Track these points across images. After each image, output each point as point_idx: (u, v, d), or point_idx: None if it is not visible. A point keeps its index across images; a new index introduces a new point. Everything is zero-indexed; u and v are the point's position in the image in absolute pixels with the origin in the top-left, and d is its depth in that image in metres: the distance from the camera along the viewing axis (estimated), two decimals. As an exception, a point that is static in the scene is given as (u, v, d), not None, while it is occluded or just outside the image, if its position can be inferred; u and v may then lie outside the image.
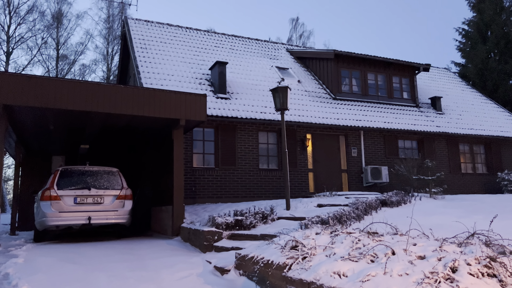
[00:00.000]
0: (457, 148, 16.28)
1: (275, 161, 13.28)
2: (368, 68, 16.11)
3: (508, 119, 18.37)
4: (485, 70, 21.82)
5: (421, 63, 16.70)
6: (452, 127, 16.10)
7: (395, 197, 9.33)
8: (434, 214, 7.66)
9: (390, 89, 16.46)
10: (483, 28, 22.64)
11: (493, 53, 22.16)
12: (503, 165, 16.74)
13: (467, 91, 20.36)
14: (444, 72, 22.16)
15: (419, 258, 3.87)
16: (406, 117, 15.64)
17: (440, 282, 3.40)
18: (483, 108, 18.79)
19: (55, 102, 7.83)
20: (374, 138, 14.68)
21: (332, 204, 9.17)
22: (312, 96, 14.98)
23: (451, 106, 17.85)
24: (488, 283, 3.49)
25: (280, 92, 9.30)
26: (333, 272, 3.88)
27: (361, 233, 4.77)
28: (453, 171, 15.90)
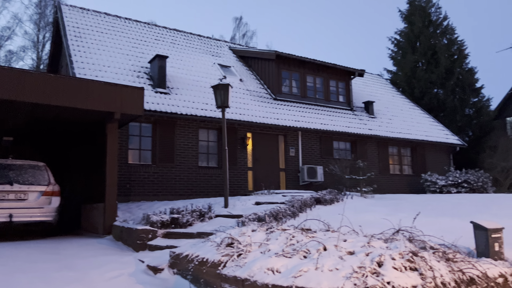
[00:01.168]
0: (387, 150, 17.29)
1: (215, 159, 13.20)
2: (308, 71, 16.57)
3: (432, 124, 19.84)
4: (413, 78, 23.38)
5: (356, 69, 17.50)
6: (382, 131, 17.06)
7: (328, 195, 9.68)
8: (364, 212, 8.06)
9: (327, 92, 17.06)
10: (413, 38, 24.25)
11: (421, 62, 23.81)
12: (427, 167, 18.04)
13: (397, 97, 21.69)
14: (377, 78, 23.43)
15: (348, 254, 4.03)
16: (341, 120, 16.31)
17: (367, 276, 3.57)
18: (411, 113, 20.12)
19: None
20: (311, 138, 15.13)
21: (269, 202, 9.29)
22: (254, 96, 15.10)
23: (382, 111, 18.90)
24: (410, 276, 3.72)
25: (221, 89, 9.25)
26: (267, 269, 3.92)
27: (296, 230, 4.88)
28: (382, 172, 16.85)
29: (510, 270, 4.53)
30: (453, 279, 3.87)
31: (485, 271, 4.15)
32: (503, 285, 4.36)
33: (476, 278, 4.03)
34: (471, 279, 4.00)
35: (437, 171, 17.86)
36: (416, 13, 24.42)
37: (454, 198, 12.53)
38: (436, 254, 4.21)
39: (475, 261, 4.29)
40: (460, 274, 3.97)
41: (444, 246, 4.62)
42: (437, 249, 4.36)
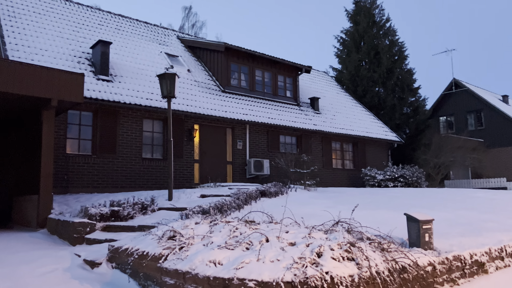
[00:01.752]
0: (330, 145, 17.85)
1: (160, 151, 12.89)
2: (256, 64, 16.63)
3: (373, 121, 20.76)
4: (356, 77, 24.33)
5: (303, 65, 17.84)
6: (327, 126, 17.57)
7: (273, 188, 9.81)
8: (306, 204, 8.26)
9: (275, 87, 17.25)
10: (358, 38, 25.19)
11: (364, 61, 24.81)
12: (367, 162, 18.88)
13: (341, 94, 22.44)
14: (323, 75, 24.07)
15: (290, 245, 4.10)
16: (288, 115, 16.58)
17: (307, 266, 3.66)
18: (354, 110, 20.91)
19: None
20: (259, 132, 15.25)
21: (215, 195, 9.25)
22: (202, 87, 14.90)
23: (327, 107, 19.46)
24: (347, 266, 3.87)
25: (167, 78, 9.02)
26: (209, 261, 3.89)
27: (239, 222, 4.89)
28: (326, 166, 17.39)
29: (438, 259, 4.85)
30: (387, 268, 4.07)
31: (416, 260, 4.40)
32: (431, 273, 4.67)
33: (407, 266, 4.27)
34: (403, 267, 4.24)
35: (376, 166, 18.75)
36: (361, 13, 25.34)
37: (390, 191, 13.23)
38: (372, 245, 4.40)
39: (407, 251, 4.54)
40: (394, 263, 4.18)
41: (380, 237, 4.85)
42: (373, 240, 4.56)
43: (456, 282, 4.97)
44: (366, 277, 3.82)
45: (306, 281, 3.50)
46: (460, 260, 5.12)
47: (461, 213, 8.61)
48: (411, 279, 4.24)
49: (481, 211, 9.17)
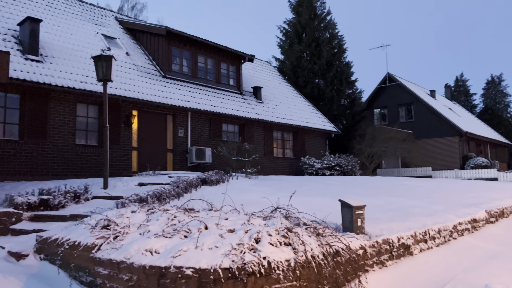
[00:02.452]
0: (272, 135, 18.12)
1: (95, 137, 12.29)
2: (199, 51, 16.34)
3: (312, 112, 21.36)
4: (298, 68, 24.81)
5: (247, 54, 17.84)
6: (269, 116, 17.79)
7: (214, 176, 9.78)
8: (247, 192, 8.34)
9: (218, 74, 17.10)
10: (300, 29, 25.62)
11: (305, 53, 25.34)
12: (306, 151, 19.44)
13: (283, 85, 22.79)
14: (266, 65, 24.27)
15: (229, 232, 4.12)
16: (231, 103, 16.54)
17: (245, 252, 3.69)
18: (295, 101, 21.36)
19: None
20: (201, 120, 15.06)
21: (154, 183, 9.03)
22: (141, 72, 14.37)
23: (269, 97, 19.68)
24: (284, 251, 3.96)
25: (103, 61, 8.58)
26: (145, 250, 3.79)
27: (178, 210, 4.81)
28: (267, 155, 17.64)
29: (369, 243, 5.14)
30: (321, 252, 4.23)
31: (348, 244, 4.62)
32: (362, 256, 4.93)
33: (341, 250, 4.47)
34: (337, 251, 4.43)
35: (315, 155, 19.38)
36: (303, 5, 25.77)
37: (327, 179, 13.76)
38: (308, 230, 4.55)
39: (341, 235, 4.75)
40: (328, 248, 4.36)
41: (315, 222, 5.02)
42: (310, 225, 4.71)
43: (385, 264, 5.30)
44: (302, 261, 3.94)
45: (243, 267, 3.53)
46: (388, 243, 5.46)
47: (391, 199, 9.18)
48: (344, 262, 4.45)
49: (408, 197, 9.84)
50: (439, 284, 4.83)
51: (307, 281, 3.96)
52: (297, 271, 3.85)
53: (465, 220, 7.85)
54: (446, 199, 10.14)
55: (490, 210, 9.28)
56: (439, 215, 7.53)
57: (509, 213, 10.38)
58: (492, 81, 51.26)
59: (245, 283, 3.50)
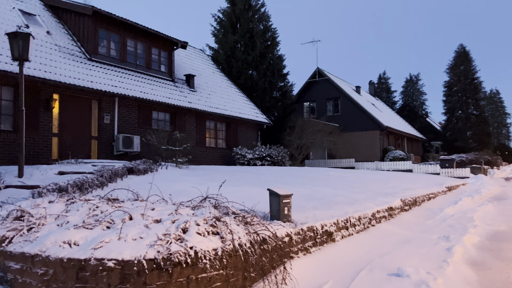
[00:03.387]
0: (204, 124, 17.95)
1: (10, 121, 11.26)
2: (129, 34, 15.60)
3: (245, 103, 21.50)
4: (232, 58, 24.74)
5: (180, 40, 17.40)
6: (202, 105, 17.58)
7: (142, 165, 9.47)
8: (177, 181, 8.19)
9: (149, 60, 16.49)
10: (234, 19, 25.51)
11: (240, 43, 25.33)
12: (239, 142, 19.56)
13: (217, 74, 22.64)
14: (200, 53, 23.90)
15: (155, 222, 4.01)
16: (162, 90, 16.06)
17: (171, 243, 3.62)
18: (228, 91, 21.33)
19: None
20: (129, 106, 14.45)
21: (76, 172, 8.52)
22: (64, 53, 13.39)
23: (202, 85, 19.44)
24: (212, 240, 3.95)
25: (20, 38, 7.86)
26: (64, 242, 3.56)
27: (101, 200, 4.58)
28: (199, 144, 17.46)
29: (294, 230, 5.31)
30: (249, 240, 4.29)
31: (275, 231, 4.74)
32: (288, 243, 5.09)
33: (268, 238, 4.57)
34: (264, 239, 4.52)
35: (247, 145, 19.58)
36: (239, -6, 25.66)
37: (258, 169, 13.99)
38: (237, 219, 4.58)
39: (268, 224, 4.85)
40: (255, 236, 4.43)
41: (244, 211, 5.07)
42: (238, 214, 4.75)
43: (309, 251, 5.52)
44: (229, 249, 3.96)
45: (169, 257, 3.47)
46: (313, 230, 5.69)
47: (317, 189, 9.58)
48: (270, 250, 4.56)
49: (333, 187, 10.34)
50: (358, 268, 5.14)
51: (234, 269, 3.99)
52: (224, 259, 3.87)
53: (383, 208, 8.44)
54: (366, 189, 10.83)
55: (404, 199, 10.08)
56: (359, 204, 8.02)
57: (421, 202, 11.37)
58: (411, 80, 55.43)
59: (170, 273, 3.44)
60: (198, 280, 3.64)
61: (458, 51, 43.34)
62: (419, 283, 4.49)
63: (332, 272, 5.00)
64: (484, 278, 5.03)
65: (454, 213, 9.99)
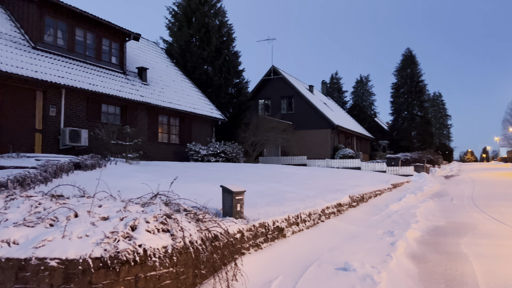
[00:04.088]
0: (157, 119, 17.55)
1: None
2: (78, 23, 14.90)
3: (200, 98, 21.28)
4: (187, 52, 24.35)
5: (132, 32, 16.88)
6: (154, 99, 17.18)
7: (90, 160, 9.10)
8: (127, 178, 7.96)
9: (99, 51, 15.85)
10: (190, 13, 25.09)
11: (195, 38, 24.98)
12: (192, 138, 19.33)
13: (171, 68, 22.21)
14: (153, 46, 23.32)
15: (102, 219, 3.87)
16: (113, 83, 15.51)
17: (119, 240, 3.52)
18: (182, 85, 20.99)
19: None
20: (77, 99, 13.82)
21: (17, 166, 8.03)
22: (5, 40, 12.54)
23: (155, 79, 18.99)
24: (162, 237, 3.88)
25: (-47, 22, 7.24)
26: (1, 241, 3.35)
27: (44, 196, 4.36)
28: (151, 139, 17.06)
29: (246, 227, 5.34)
30: (200, 237, 4.26)
31: (227, 228, 4.74)
32: (240, 239, 5.11)
33: (219, 235, 4.56)
34: (215, 236, 4.51)
35: (201, 141, 19.40)
36: (194, -12, 25.28)
37: (212, 166, 13.92)
38: (188, 216, 4.54)
39: (220, 220, 4.85)
40: (207, 232, 4.41)
41: (196, 208, 5.03)
42: (190, 211, 4.70)
43: (260, 247, 5.58)
44: (179, 247, 3.92)
45: (117, 256, 3.37)
46: (264, 227, 5.76)
47: (270, 185, 9.70)
48: (222, 246, 4.56)
49: (285, 184, 10.51)
50: (307, 263, 5.27)
51: (184, 266, 3.95)
52: (174, 257, 3.82)
53: (332, 205, 8.71)
54: (317, 186, 11.11)
55: (353, 195, 10.45)
56: (310, 200, 8.22)
57: (368, 198, 11.85)
58: (361, 81, 57.47)
59: (117, 272, 3.34)
60: (147, 278, 3.56)
61: (405, 55, 45.50)
62: (365, 277, 4.68)
63: (283, 267, 5.09)
64: (423, 271, 5.34)
65: (398, 209, 10.51)
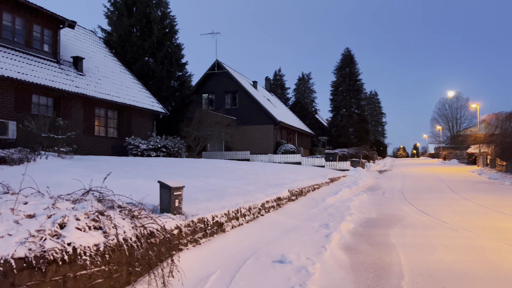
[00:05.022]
0: (94, 111, 16.76)
1: None
2: (5, 6, 13.77)
3: (140, 91, 20.62)
4: (127, 42, 23.43)
5: (67, 18, 15.93)
6: (91, 90, 16.38)
7: (17, 154, 8.50)
8: (58, 173, 7.54)
9: (29, 38, 14.77)
10: (130, 2, 24.13)
11: (136, 28, 24.10)
12: (132, 132, 18.71)
13: (109, 58, 21.28)
14: (90, 35, 22.19)
15: (28, 217, 3.64)
16: (45, 72, 14.55)
17: (46, 239, 3.34)
18: (121, 77, 20.21)
19: None
20: (4, 88, 12.80)
21: None
22: None
23: (92, 70, 18.10)
24: (93, 235, 3.74)
25: None
26: None
27: (-40, 194, 4.00)
28: (87, 133, 16.27)
29: (184, 222, 5.29)
30: (135, 234, 4.15)
31: (163, 224, 4.66)
32: (177, 235, 5.05)
33: (155, 231, 4.47)
34: (151, 232, 4.42)
35: (141, 135, 18.84)
36: (136, -23, 24.39)
37: (152, 161, 13.59)
38: (123, 212, 4.40)
39: (157, 216, 4.75)
40: (142, 229, 4.30)
41: (132, 204, 4.89)
42: (125, 208, 4.56)
43: (199, 242, 5.56)
44: (112, 244, 3.79)
45: (43, 255, 3.19)
46: (203, 222, 5.74)
47: (211, 181, 9.67)
48: (158, 243, 4.48)
49: (227, 178, 10.54)
50: (245, 257, 5.34)
51: (117, 264, 3.83)
52: (106, 255, 3.69)
53: (272, 199, 8.88)
54: (258, 180, 11.26)
55: (292, 189, 10.73)
56: (250, 195, 8.31)
57: (307, 192, 12.22)
58: (303, 78, 58.96)
59: (44, 272, 3.17)
60: (76, 278, 3.41)
61: (344, 54, 47.31)
62: (300, 268, 4.83)
63: (221, 262, 5.11)
64: (355, 261, 5.62)
65: (334, 203, 10.95)
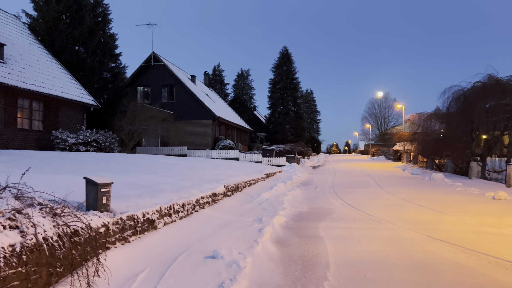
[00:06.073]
0: (16, 102, 15.54)
1: None
2: None
3: (69, 81, 19.44)
4: (55, 30, 21.90)
5: (-15, 0, 14.57)
6: (13, 79, 15.15)
7: None
8: (-29, 169, 6.89)
9: None
10: (59, -13, 22.65)
11: (65, 15, 22.61)
12: (60, 125, 17.60)
13: (35, 46, 19.81)
14: (13, 19, 20.49)
15: None
16: (-43, 57, 13.21)
17: (-49, 241, 3.05)
18: (48, 66, 18.91)
19: None
20: None
21: None
22: None
23: (15, 57, 16.75)
24: (8, 235, 3.48)
25: None
26: None
27: None
28: (8, 125, 15.04)
29: (112, 220, 5.10)
30: (57, 233, 3.93)
31: (89, 222, 4.46)
32: (104, 233, 4.86)
33: (80, 229, 4.27)
34: (75, 231, 4.20)
35: (70, 129, 17.81)
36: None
37: (81, 156, 12.91)
38: (44, 210, 4.14)
39: (81, 214, 4.53)
40: (65, 228, 4.08)
41: (54, 201, 4.61)
42: (46, 205, 4.29)
43: (128, 240, 5.40)
44: (31, 244, 3.56)
45: None
46: (133, 219, 5.58)
47: (144, 177, 9.41)
48: (83, 242, 4.28)
49: (161, 174, 10.32)
50: (177, 254, 5.28)
51: (36, 265, 3.61)
52: (23, 256, 3.46)
53: (207, 195, 8.85)
54: (194, 176, 11.16)
55: (228, 185, 10.78)
56: (185, 191, 8.22)
57: (243, 188, 12.35)
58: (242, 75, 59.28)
59: None
60: (-13, 282, 3.16)
61: (282, 53, 48.31)
62: (231, 263, 4.88)
63: (151, 259, 5.01)
64: (285, 254, 5.79)
65: (269, 197, 11.18)
